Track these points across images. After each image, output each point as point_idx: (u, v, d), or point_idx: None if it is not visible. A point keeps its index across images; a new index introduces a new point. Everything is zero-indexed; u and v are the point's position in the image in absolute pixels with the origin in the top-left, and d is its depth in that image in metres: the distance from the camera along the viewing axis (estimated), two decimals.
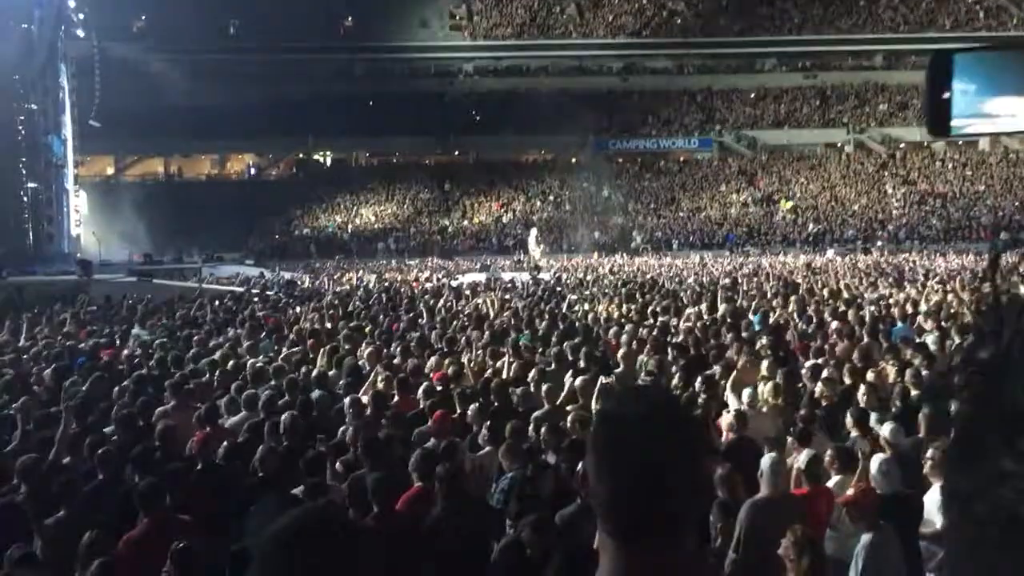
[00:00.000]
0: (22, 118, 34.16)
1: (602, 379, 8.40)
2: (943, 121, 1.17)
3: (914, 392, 7.97)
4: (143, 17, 54.99)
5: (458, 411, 7.86)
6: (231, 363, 10.33)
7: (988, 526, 0.59)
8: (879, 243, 42.84)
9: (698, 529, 5.29)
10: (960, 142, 54.99)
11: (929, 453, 5.70)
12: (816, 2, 60.57)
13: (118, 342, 12.62)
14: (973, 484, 0.61)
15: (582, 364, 9.43)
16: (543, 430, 6.82)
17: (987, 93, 1.10)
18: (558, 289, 20.94)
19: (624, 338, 11.25)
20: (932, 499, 5.43)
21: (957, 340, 10.48)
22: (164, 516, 5.20)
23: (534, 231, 34.20)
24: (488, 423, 7.03)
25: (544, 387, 8.32)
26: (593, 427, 1.43)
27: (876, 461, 5.88)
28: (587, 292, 19.81)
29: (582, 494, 5.01)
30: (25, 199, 34.34)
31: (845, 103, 58.06)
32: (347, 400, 8.06)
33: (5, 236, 31.43)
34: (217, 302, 18.64)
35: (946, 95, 1.14)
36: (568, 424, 7.12)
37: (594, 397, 7.89)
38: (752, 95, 59.05)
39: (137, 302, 18.09)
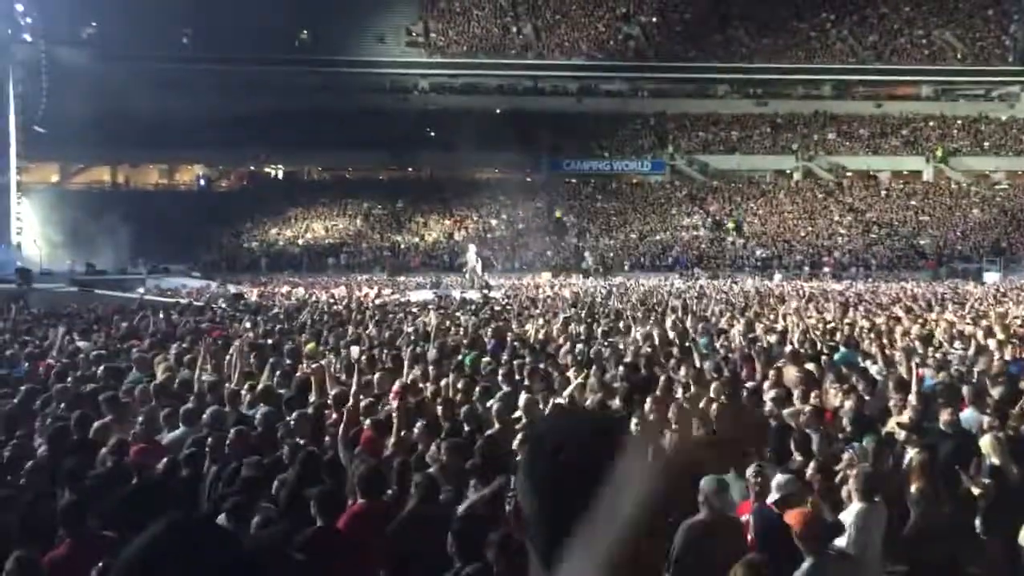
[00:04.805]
0: None
1: (553, 400, 8.33)
2: None
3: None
4: (93, 24, 54.12)
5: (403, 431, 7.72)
6: (171, 376, 10.09)
7: None
8: (825, 269, 43.55)
9: None
10: (905, 171, 56.53)
11: (853, 473, 5.90)
12: (768, 31, 61.82)
13: (54, 353, 12.26)
14: None
15: (526, 383, 9.38)
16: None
17: None
18: (509, 308, 20.88)
19: (570, 359, 11.24)
20: (843, 519, 5.65)
21: (900, 366, 10.62)
22: (89, 535, 4.99)
23: (472, 247, 34.20)
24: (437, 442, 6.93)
25: (494, 406, 8.24)
26: (524, 450, 1.36)
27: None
28: (537, 311, 19.79)
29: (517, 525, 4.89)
30: None
31: (794, 131, 59.15)
32: (292, 417, 7.90)
33: None
34: (160, 314, 18.25)
35: None
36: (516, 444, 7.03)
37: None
38: (704, 120, 59.91)
39: (76, 312, 17.65)
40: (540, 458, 1.31)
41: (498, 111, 57.97)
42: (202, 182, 58.09)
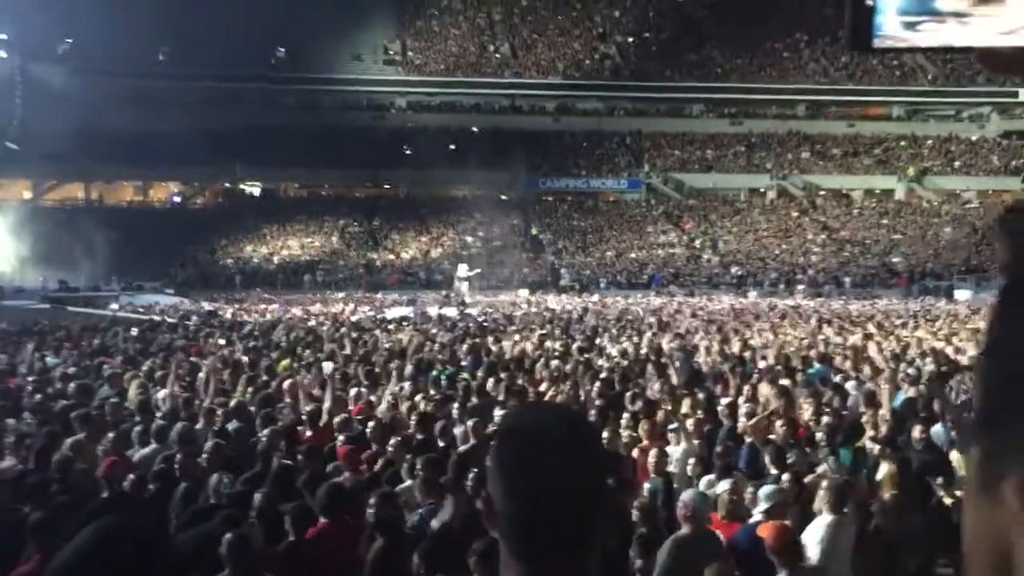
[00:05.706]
0: None
1: None
2: (864, 29, 0.76)
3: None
4: (69, 40, 53.81)
5: (375, 446, 7.68)
6: (144, 393, 9.98)
7: None
8: (799, 287, 43.81)
9: (617, 565, 5.25)
10: (877, 190, 57.14)
11: (823, 485, 5.89)
12: (742, 52, 62.53)
13: (24, 370, 12.10)
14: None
15: (500, 398, 9.38)
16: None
17: None
18: (485, 324, 20.87)
19: (546, 373, 11.24)
20: (813, 531, 5.63)
21: (872, 382, 10.70)
22: (57, 550, 4.91)
23: (463, 266, 34.21)
24: (410, 457, 6.90)
25: (469, 422, 8.21)
26: (495, 443, 1.36)
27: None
28: (514, 328, 19.77)
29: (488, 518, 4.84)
30: None
31: (769, 150, 59.74)
32: (264, 433, 7.83)
33: None
34: (133, 331, 18.08)
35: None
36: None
37: None
38: (679, 139, 60.43)
39: (48, 329, 17.45)
40: (509, 450, 1.32)
41: (475, 129, 58.24)
42: (177, 199, 57.73)
